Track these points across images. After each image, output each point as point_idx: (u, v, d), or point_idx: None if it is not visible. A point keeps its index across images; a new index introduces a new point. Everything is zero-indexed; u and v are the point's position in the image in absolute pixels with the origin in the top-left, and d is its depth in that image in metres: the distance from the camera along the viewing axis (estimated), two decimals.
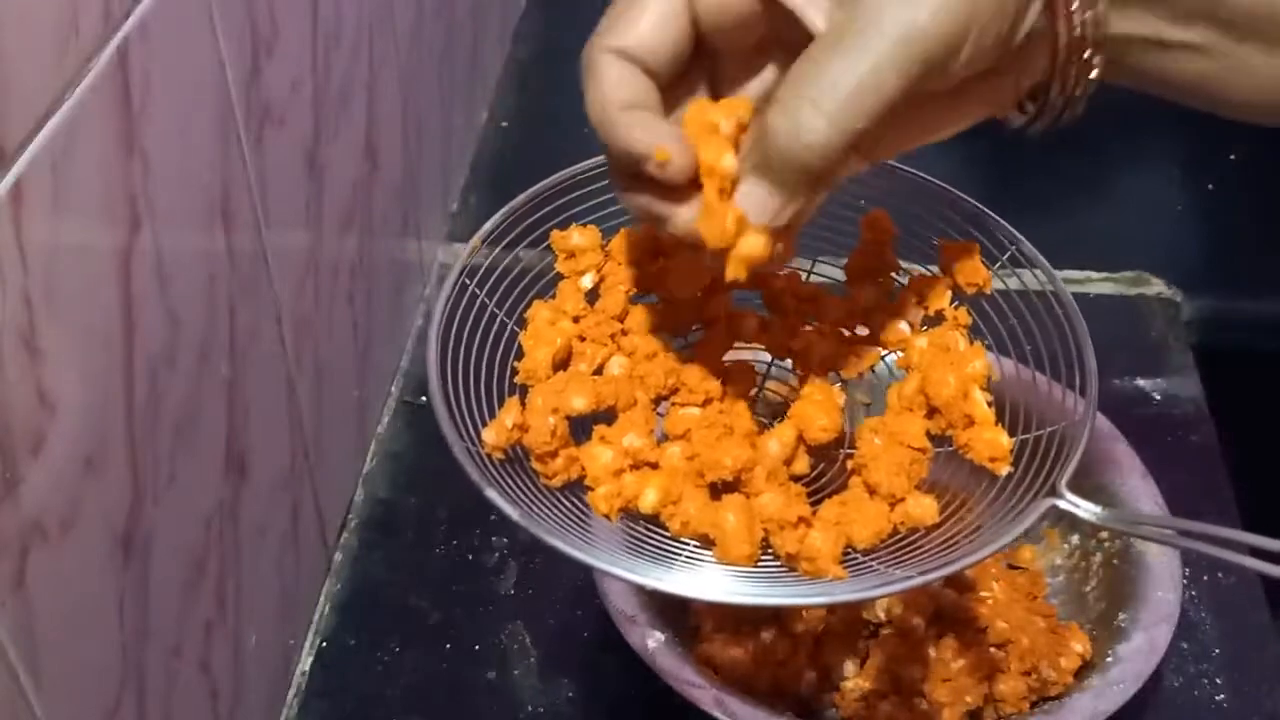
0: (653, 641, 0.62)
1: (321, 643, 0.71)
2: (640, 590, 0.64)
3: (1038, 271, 0.50)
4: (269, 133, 0.60)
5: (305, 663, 0.70)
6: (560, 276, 0.51)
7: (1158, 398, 0.84)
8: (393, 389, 0.85)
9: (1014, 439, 0.46)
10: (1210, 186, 1.02)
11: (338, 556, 0.75)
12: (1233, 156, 1.04)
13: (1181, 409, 0.83)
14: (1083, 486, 0.44)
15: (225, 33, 0.54)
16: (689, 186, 0.40)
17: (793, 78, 0.37)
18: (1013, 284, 0.51)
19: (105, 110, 0.45)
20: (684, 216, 0.40)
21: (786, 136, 0.37)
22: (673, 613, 0.67)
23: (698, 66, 0.42)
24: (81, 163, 0.44)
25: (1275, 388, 0.90)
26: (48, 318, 0.43)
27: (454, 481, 0.84)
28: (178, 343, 0.52)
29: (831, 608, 0.69)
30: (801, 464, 0.48)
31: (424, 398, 0.84)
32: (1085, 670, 0.65)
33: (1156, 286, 0.91)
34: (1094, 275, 0.92)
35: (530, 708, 0.68)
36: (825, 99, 0.37)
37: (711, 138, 0.40)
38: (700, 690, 0.60)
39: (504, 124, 1.08)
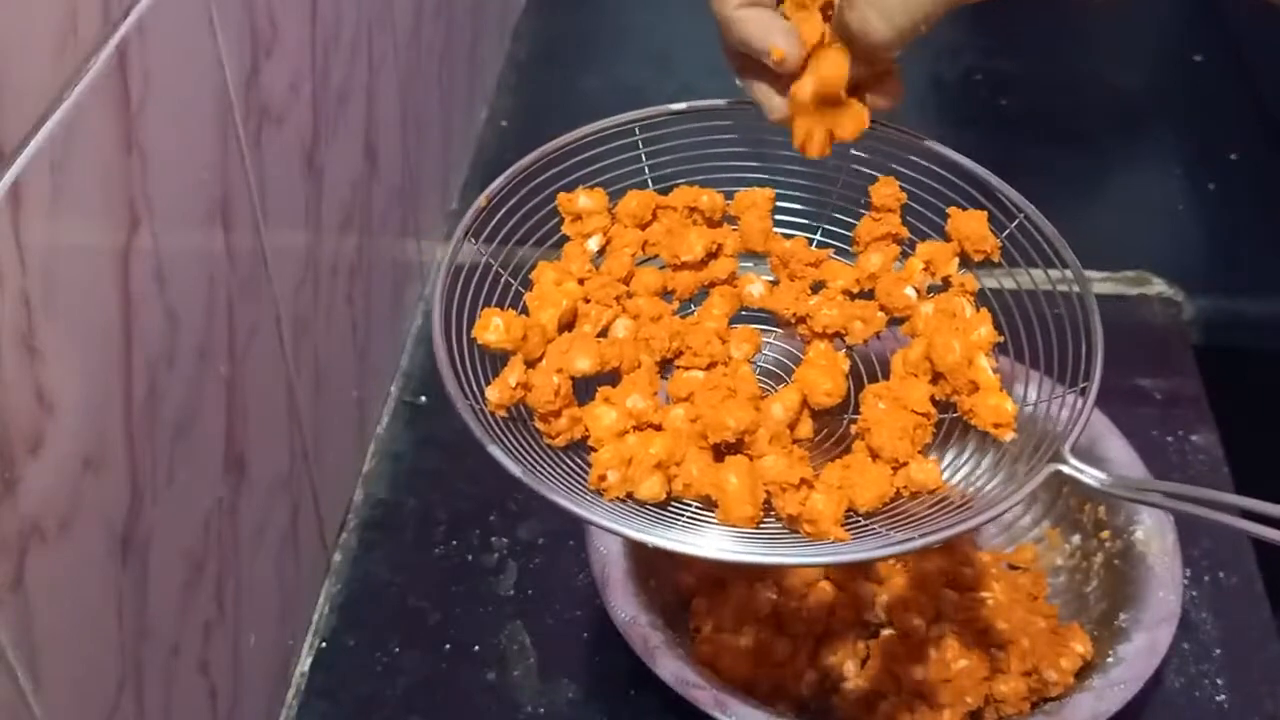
0: (653, 641, 0.62)
1: (321, 643, 0.71)
2: (640, 590, 0.64)
3: (1044, 239, 0.50)
4: (268, 133, 0.60)
5: (304, 663, 0.70)
6: (566, 238, 0.51)
7: (1159, 397, 0.84)
8: (392, 389, 0.85)
9: (1018, 406, 0.46)
10: (1211, 186, 1.02)
11: (337, 557, 0.75)
12: (1233, 156, 1.04)
13: (1182, 409, 0.83)
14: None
15: (224, 32, 0.54)
16: (793, 77, 0.48)
17: None
18: (1008, 270, 0.51)
19: (104, 110, 0.45)
20: (779, 107, 0.49)
21: (857, 36, 0.46)
22: (673, 613, 0.67)
23: None
24: (80, 162, 0.44)
25: (1277, 387, 0.90)
26: (46, 318, 0.42)
27: (454, 482, 0.85)
28: (176, 342, 0.52)
29: (833, 609, 0.69)
30: (805, 428, 0.48)
31: (423, 397, 0.85)
32: (1086, 671, 0.65)
33: (1158, 286, 0.91)
34: (1095, 275, 0.92)
35: (530, 708, 0.68)
36: (887, 6, 0.45)
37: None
38: (700, 690, 0.60)
39: (504, 124, 1.08)
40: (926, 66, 1.13)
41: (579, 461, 0.46)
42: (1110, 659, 0.63)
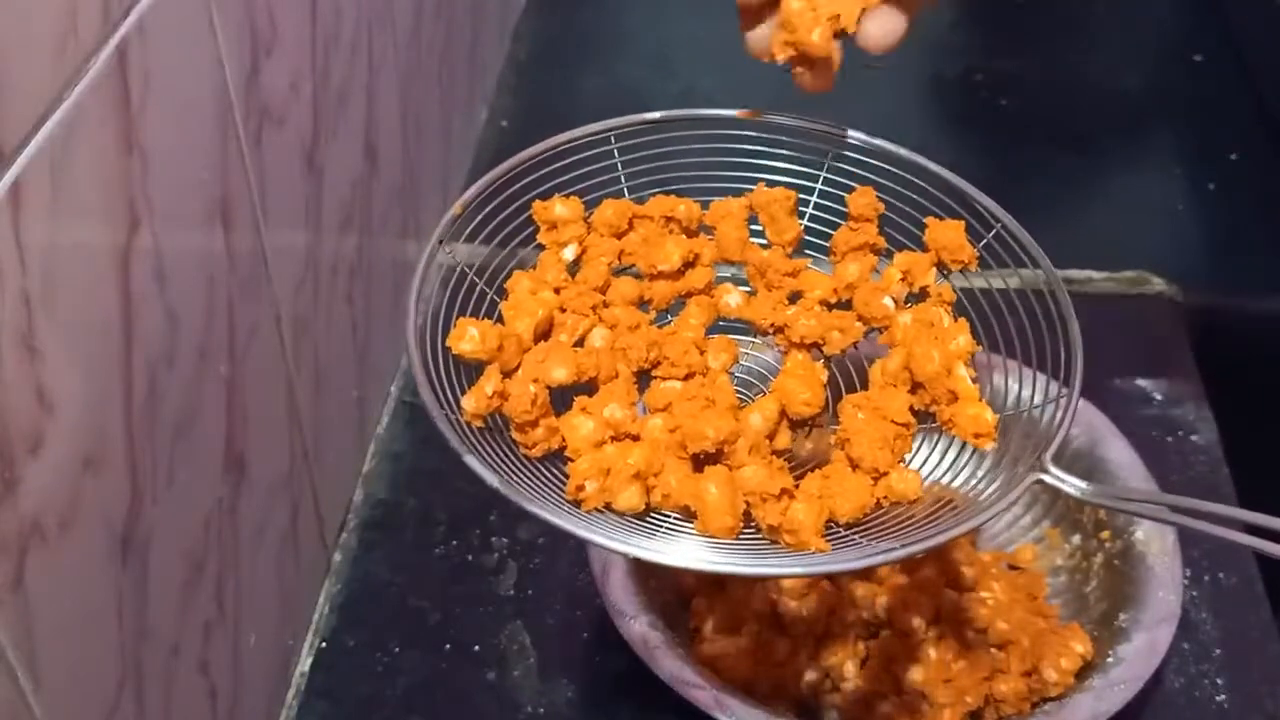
0: (653, 642, 0.62)
1: (321, 643, 0.71)
2: (640, 590, 0.64)
3: (1022, 249, 0.50)
4: (268, 132, 0.60)
5: (305, 663, 0.70)
6: (541, 247, 0.51)
7: (1158, 397, 0.84)
8: (392, 389, 0.85)
9: (998, 415, 0.46)
10: (1210, 186, 1.02)
11: (337, 557, 0.75)
12: (1233, 156, 1.04)
13: (1182, 409, 0.83)
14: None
15: (224, 32, 0.54)
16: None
17: None
18: (997, 271, 0.51)
19: (104, 110, 0.45)
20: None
21: None
22: (673, 613, 0.67)
23: None
24: (80, 162, 0.44)
25: (1276, 387, 0.90)
26: (46, 317, 0.42)
27: (454, 482, 0.85)
28: (177, 342, 0.52)
29: (833, 609, 0.69)
30: (783, 439, 0.48)
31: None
32: (1086, 671, 0.65)
33: (1157, 286, 0.91)
34: (1094, 275, 0.92)
35: (530, 708, 0.68)
36: None
37: None
38: (700, 690, 0.60)
39: (504, 124, 1.08)
40: (926, 66, 1.13)
41: (556, 472, 0.46)
42: (1110, 659, 0.63)
